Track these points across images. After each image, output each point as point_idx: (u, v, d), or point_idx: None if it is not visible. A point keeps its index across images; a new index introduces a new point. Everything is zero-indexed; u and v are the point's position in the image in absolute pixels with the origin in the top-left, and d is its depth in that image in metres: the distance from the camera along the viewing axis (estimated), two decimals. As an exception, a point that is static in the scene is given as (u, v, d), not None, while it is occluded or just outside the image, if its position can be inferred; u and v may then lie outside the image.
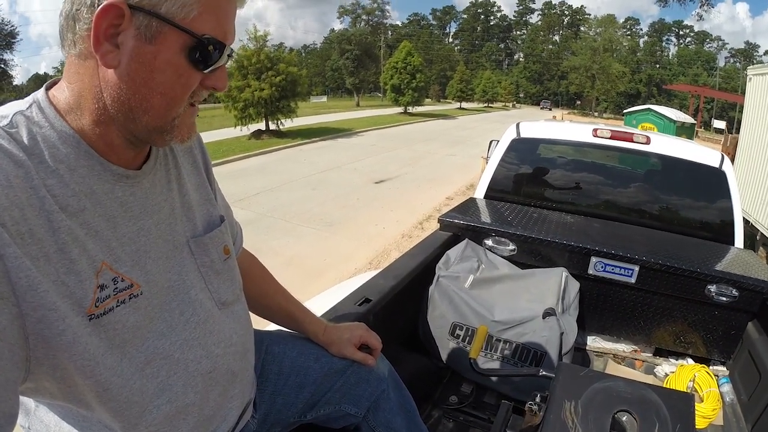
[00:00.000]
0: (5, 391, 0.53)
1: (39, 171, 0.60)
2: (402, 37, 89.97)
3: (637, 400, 1.05)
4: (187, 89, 0.68)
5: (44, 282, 0.57)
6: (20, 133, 0.61)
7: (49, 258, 0.59)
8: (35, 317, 0.57)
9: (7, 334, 0.54)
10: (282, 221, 7.34)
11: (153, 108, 0.67)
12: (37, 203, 0.59)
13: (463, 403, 1.90)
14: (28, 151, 0.60)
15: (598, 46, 70.09)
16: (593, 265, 2.18)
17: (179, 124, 0.71)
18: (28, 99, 0.66)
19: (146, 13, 0.61)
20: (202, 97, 0.73)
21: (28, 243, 0.57)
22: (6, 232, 0.54)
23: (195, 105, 0.73)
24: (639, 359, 2.30)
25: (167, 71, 0.65)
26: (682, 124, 16.88)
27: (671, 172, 2.77)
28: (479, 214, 2.61)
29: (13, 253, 0.54)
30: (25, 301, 0.56)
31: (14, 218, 0.55)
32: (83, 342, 0.61)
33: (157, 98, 0.66)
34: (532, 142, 3.02)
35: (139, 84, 0.64)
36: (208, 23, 0.65)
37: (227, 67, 0.75)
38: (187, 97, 0.69)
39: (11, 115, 0.62)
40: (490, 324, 1.89)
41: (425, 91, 38.69)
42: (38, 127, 0.63)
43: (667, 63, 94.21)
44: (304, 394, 1.07)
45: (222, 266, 0.87)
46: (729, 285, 2.00)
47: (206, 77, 0.70)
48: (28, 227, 0.57)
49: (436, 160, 14.41)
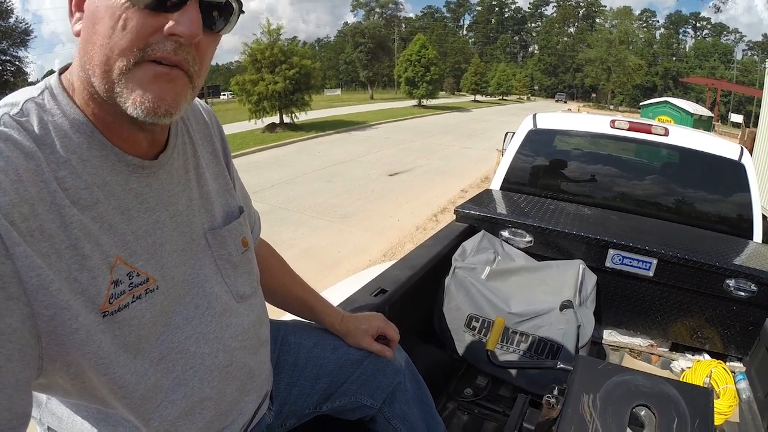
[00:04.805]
0: (17, 392, 0.52)
1: (50, 162, 0.58)
2: (416, 29, 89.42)
3: (656, 395, 1.03)
4: (127, 35, 0.57)
5: (56, 280, 0.55)
6: (31, 121, 0.58)
7: (61, 255, 0.57)
8: (47, 315, 0.55)
9: (17, 335, 0.52)
10: (296, 213, 7.37)
11: (97, 66, 0.59)
12: (48, 198, 0.56)
13: (479, 396, 1.88)
14: (39, 141, 0.58)
15: (614, 39, 69.52)
16: (611, 258, 2.15)
17: (128, 81, 0.59)
18: (41, 85, 0.63)
19: None
20: (166, 51, 0.59)
21: (38, 240, 0.55)
22: (16, 230, 0.52)
23: (158, 63, 0.60)
24: (655, 354, 2.27)
25: (105, 18, 0.57)
26: (699, 117, 16.66)
27: (689, 164, 2.72)
28: (495, 205, 2.59)
29: (24, 252, 0.52)
30: (36, 301, 0.54)
31: (24, 215, 0.53)
32: (97, 340, 0.60)
33: (98, 52, 0.58)
34: (549, 134, 2.98)
35: (88, 44, 0.59)
36: None
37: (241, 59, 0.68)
38: (133, 48, 0.58)
39: (22, 102, 0.60)
40: (507, 316, 1.87)
41: (439, 83, 38.49)
42: (50, 115, 0.60)
43: (684, 56, 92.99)
44: (320, 385, 1.06)
45: (240, 259, 0.85)
46: (747, 280, 1.97)
47: (164, 21, 0.58)
48: (38, 224, 0.55)
49: (451, 152, 14.33)
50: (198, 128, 0.86)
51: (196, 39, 0.60)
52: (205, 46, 0.65)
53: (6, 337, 0.50)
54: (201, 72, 0.66)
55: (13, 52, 25.26)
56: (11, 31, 24.42)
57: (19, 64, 26.00)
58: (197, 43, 0.62)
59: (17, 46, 25.29)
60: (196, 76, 0.65)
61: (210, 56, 0.68)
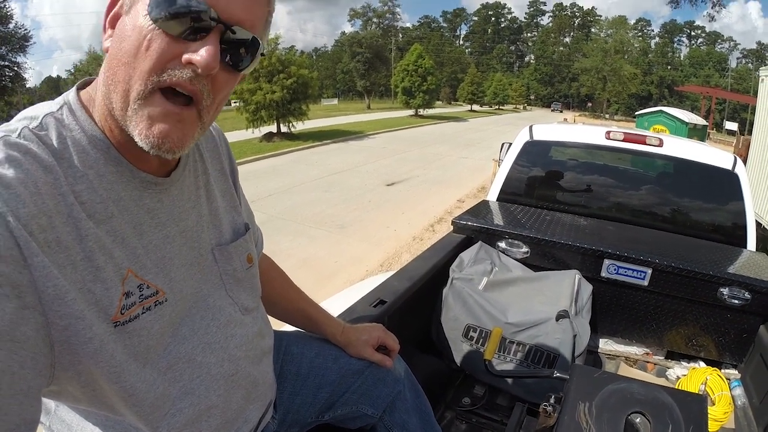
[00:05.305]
0: (27, 399, 0.53)
1: (68, 176, 0.60)
2: (413, 39, 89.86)
3: (651, 402, 1.06)
4: (148, 57, 0.59)
5: (71, 291, 0.57)
6: (50, 135, 0.60)
7: (76, 266, 0.59)
8: (61, 325, 0.57)
9: (31, 343, 0.53)
10: (294, 223, 7.38)
11: (119, 82, 0.60)
12: (65, 210, 0.58)
13: (476, 405, 1.90)
14: (58, 155, 0.60)
15: (609, 48, 70.10)
16: (606, 268, 2.18)
17: (140, 110, 0.61)
18: (59, 100, 0.66)
19: None
20: (182, 78, 0.60)
21: (55, 251, 0.56)
22: (34, 241, 0.54)
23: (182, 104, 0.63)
24: (651, 362, 2.29)
25: (132, 36, 0.59)
26: (694, 126, 16.77)
27: (684, 174, 2.76)
28: (492, 216, 2.62)
29: (41, 262, 0.54)
30: (51, 310, 0.55)
31: (42, 226, 0.55)
32: (109, 349, 0.61)
33: (121, 69, 0.60)
34: (545, 145, 3.02)
35: (113, 61, 0.61)
36: None
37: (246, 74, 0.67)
38: (151, 71, 0.59)
39: (41, 116, 0.62)
40: (504, 326, 1.89)
41: (436, 93, 38.69)
42: (68, 131, 0.62)
43: (679, 64, 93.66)
44: (322, 394, 1.08)
45: (244, 274, 0.87)
46: (741, 288, 2.00)
47: (184, 49, 0.60)
48: (55, 235, 0.57)
49: (447, 162, 14.40)
50: (208, 146, 0.89)
51: (212, 71, 0.61)
52: (223, 82, 0.66)
53: (20, 345, 0.52)
54: (213, 108, 0.67)
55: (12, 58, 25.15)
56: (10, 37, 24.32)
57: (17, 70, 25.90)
58: (214, 77, 0.64)
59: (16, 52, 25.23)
60: (206, 111, 0.66)
61: (226, 94, 0.69)
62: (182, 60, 0.60)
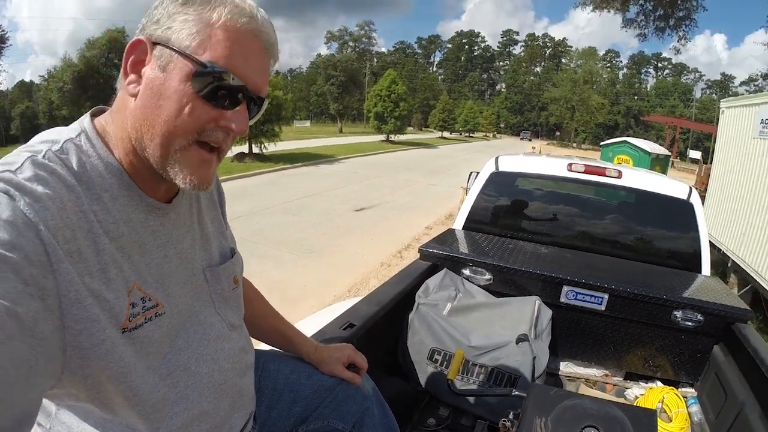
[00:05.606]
0: (35, 393, 0.57)
1: (87, 196, 0.67)
2: (387, 64, 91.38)
3: (603, 417, 1.13)
4: (191, 120, 0.70)
5: (89, 296, 0.64)
6: (70, 159, 0.67)
7: (93, 276, 0.65)
8: (76, 330, 0.63)
9: (48, 343, 0.58)
10: (262, 246, 7.36)
11: (157, 135, 0.70)
12: (86, 226, 0.66)
13: (441, 426, 1.96)
14: (78, 177, 0.67)
15: (579, 78, 71.73)
16: (565, 294, 2.29)
17: (182, 160, 0.72)
18: (76, 127, 0.73)
19: (162, 45, 0.69)
20: (216, 138, 0.73)
21: (76, 261, 0.63)
22: (60, 250, 0.61)
23: (210, 149, 0.74)
24: (610, 383, 2.39)
25: (173, 98, 0.68)
26: (657, 156, 17.24)
27: (642, 204, 2.91)
28: (458, 244, 2.72)
29: (65, 269, 0.61)
30: (69, 314, 0.62)
31: (66, 238, 0.62)
32: (119, 351, 0.68)
33: (161, 125, 0.69)
34: (510, 176, 3.14)
35: (148, 110, 0.69)
36: (215, 54, 0.69)
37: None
38: (193, 131, 0.71)
39: (62, 141, 0.69)
40: (467, 349, 1.98)
41: (408, 119, 39.16)
42: (87, 156, 0.70)
43: (645, 94, 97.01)
44: (296, 408, 1.15)
45: (230, 294, 0.95)
46: (694, 310, 2.12)
47: (220, 116, 0.72)
48: (77, 247, 0.64)
49: (417, 189, 14.59)
50: None
51: (244, 134, 0.76)
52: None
53: (39, 342, 0.57)
54: (227, 149, 0.80)
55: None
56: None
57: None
58: None
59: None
60: (223, 153, 0.79)
61: None
62: (219, 125, 0.73)
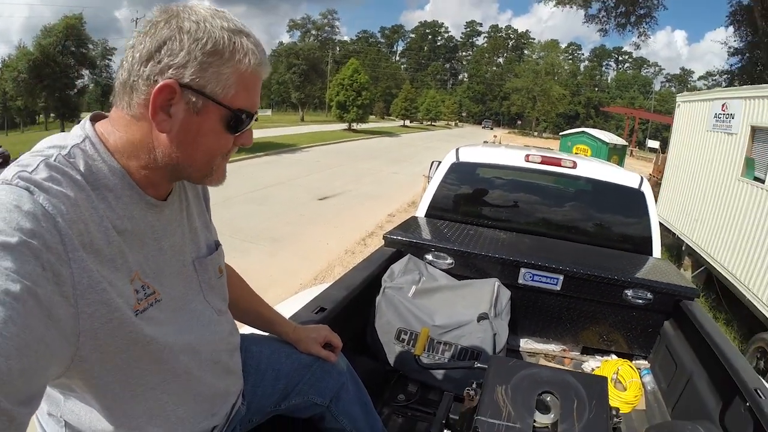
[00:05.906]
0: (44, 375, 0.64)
1: (95, 195, 0.74)
2: (350, 53, 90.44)
3: (559, 383, 1.27)
4: (223, 149, 0.86)
5: (102, 282, 0.71)
6: (78, 163, 0.74)
7: (104, 264, 0.73)
8: (88, 313, 0.69)
9: (62, 326, 0.65)
10: (226, 237, 7.29)
11: (196, 162, 0.84)
12: (97, 220, 0.73)
13: (410, 401, 2.10)
14: (86, 178, 0.74)
15: (541, 70, 72.74)
16: (522, 276, 2.45)
17: (216, 170, 0.89)
18: (80, 133, 0.79)
19: (194, 91, 0.77)
20: (233, 151, 0.90)
21: (89, 251, 0.70)
22: (75, 239, 0.68)
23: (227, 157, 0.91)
24: (568, 357, 2.57)
25: (209, 136, 0.82)
26: (614, 146, 17.65)
27: (596, 192, 3.10)
28: (420, 231, 2.84)
29: (80, 257, 0.68)
30: (83, 299, 0.68)
31: (80, 230, 0.69)
32: (137, 331, 0.77)
33: (200, 155, 0.84)
34: (470, 166, 3.28)
35: (185, 145, 0.81)
36: (242, 99, 0.82)
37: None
38: (222, 154, 0.87)
39: (69, 147, 0.75)
40: (432, 328, 2.10)
41: (370, 108, 39.07)
42: (92, 160, 0.76)
43: (606, 86, 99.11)
44: (279, 385, 1.26)
45: (216, 282, 1.04)
46: (644, 289, 2.31)
47: (238, 138, 0.87)
48: (90, 239, 0.71)
49: (380, 177, 14.71)
50: None
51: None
52: None
53: (54, 323, 0.63)
54: None
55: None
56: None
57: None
58: None
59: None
60: None
61: None
62: (236, 144, 0.89)
